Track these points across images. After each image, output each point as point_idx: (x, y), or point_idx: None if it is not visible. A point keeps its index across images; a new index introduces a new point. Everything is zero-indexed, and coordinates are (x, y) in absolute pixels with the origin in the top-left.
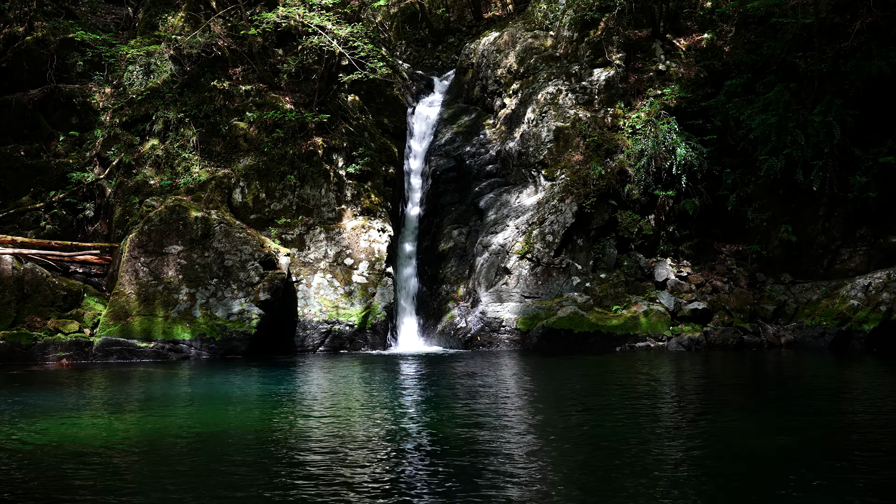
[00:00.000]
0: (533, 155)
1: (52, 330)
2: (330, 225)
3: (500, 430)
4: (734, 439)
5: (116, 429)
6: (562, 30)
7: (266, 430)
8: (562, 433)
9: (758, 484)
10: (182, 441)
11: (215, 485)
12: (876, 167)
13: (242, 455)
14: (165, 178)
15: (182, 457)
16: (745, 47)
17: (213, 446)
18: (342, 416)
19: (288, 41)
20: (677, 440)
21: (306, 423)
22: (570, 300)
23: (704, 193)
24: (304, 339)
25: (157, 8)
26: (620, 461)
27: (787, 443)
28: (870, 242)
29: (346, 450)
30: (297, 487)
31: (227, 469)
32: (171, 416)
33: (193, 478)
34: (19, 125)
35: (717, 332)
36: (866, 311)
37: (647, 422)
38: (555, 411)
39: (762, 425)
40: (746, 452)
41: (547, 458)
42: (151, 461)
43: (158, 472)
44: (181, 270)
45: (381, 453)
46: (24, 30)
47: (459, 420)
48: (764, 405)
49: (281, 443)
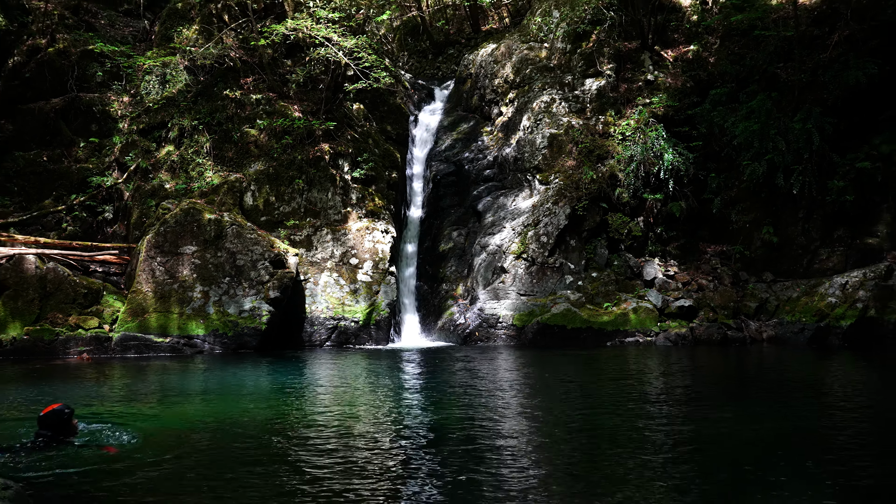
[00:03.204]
0: (528, 160)
1: (73, 326)
2: (336, 227)
3: (496, 417)
4: (718, 428)
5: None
6: (555, 42)
7: (281, 417)
8: (554, 421)
9: (741, 468)
10: (203, 426)
11: (233, 463)
12: (853, 172)
13: (257, 439)
14: (180, 183)
15: (204, 439)
16: (730, 58)
17: (227, 433)
18: (349, 405)
19: (296, 52)
20: (665, 429)
21: (317, 411)
22: (564, 298)
23: (690, 197)
24: (312, 335)
25: (173, 21)
26: (611, 448)
27: (767, 431)
28: (847, 243)
29: (352, 435)
30: (309, 472)
31: (242, 451)
32: (191, 404)
33: (215, 457)
34: (42, 132)
35: (703, 328)
36: (843, 308)
37: (636, 412)
38: (548, 401)
39: (745, 415)
40: (730, 440)
41: (540, 444)
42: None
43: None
44: (195, 269)
45: (385, 438)
46: (46, 42)
47: (458, 410)
48: (746, 397)
49: (295, 427)
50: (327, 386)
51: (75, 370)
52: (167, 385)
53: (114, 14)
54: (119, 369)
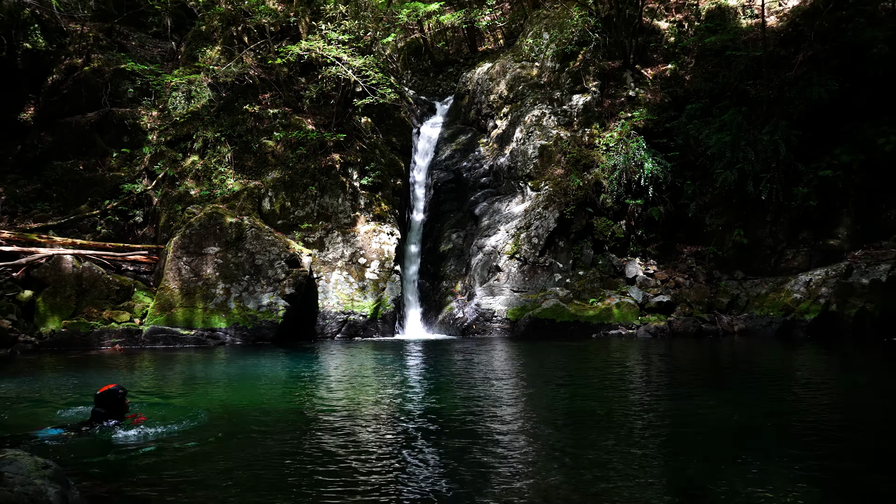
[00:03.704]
0: (521, 169)
1: (107, 320)
2: (346, 229)
3: (491, 401)
4: (694, 412)
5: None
6: (545, 61)
7: (297, 400)
8: (543, 406)
9: (715, 450)
10: (226, 409)
11: (256, 442)
12: (816, 180)
13: (275, 417)
14: (204, 189)
15: (228, 421)
16: (704, 76)
17: (248, 416)
18: (359, 390)
19: (310, 71)
20: (644, 413)
21: (330, 395)
22: (553, 294)
23: (668, 202)
24: (324, 328)
25: (197, 42)
26: (595, 430)
27: (738, 415)
28: (811, 244)
29: (362, 416)
30: (322, 451)
31: (260, 431)
32: (216, 390)
33: (237, 434)
34: (79, 143)
35: (680, 321)
36: (807, 304)
37: (619, 398)
38: (538, 388)
39: (718, 401)
40: (703, 424)
41: (530, 426)
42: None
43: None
44: (218, 268)
45: (390, 419)
46: (82, 61)
47: (457, 395)
48: (719, 384)
49: (309, 409)
50: (339, 373)
51: (110, 360)
52: (194, 373)
53: (144, 36)
54: (149, 359)
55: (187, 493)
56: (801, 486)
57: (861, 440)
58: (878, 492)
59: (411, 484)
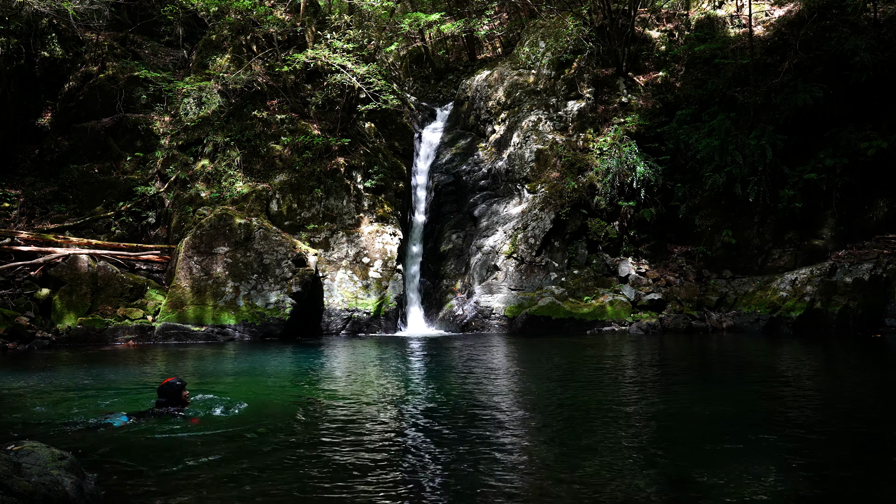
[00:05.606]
0: (518, 172)
1: (121, 316)
2: (350, 230)
3: (489, 393)
4: (683, 404)
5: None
6: (542, 69)
7: (304, 393)
8: (539, 398)
9: (703, 439)
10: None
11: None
12: (801, 182)
13: (284, 409)
14: (214, 192)
15: (239, 412)
16: (694, 83)
17: (259, 407)
18: (363, 383)
19: (315, 78)
20: (636, 405)
21: (335, 388)
22: (549, 292)
23: (660, 204)
24: (329, 324)
25: (208, 51)
26: (588, 420)
27: (727, 409)
28: (796, 244)
29: (366, 407)
30: (329, 441)
31: (273, 422)
32: (226, 384)
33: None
34: (94, 147)
35: (670, 318)
36: (793, 301)
37: (612, 390)
38: (534, 381)
39: (707, 394)
40: (693, 415)
41: (526, 416)
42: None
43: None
44: (227, 267)
45: (393, 410)
46: (97, 69)
47: (457, 387)
48: (709, 378)
49: (316, 401)
50: (344, 367)
51: (124, 355)
52: (205, 368)
53: (157, 45)
54: (161, 354)
55: (192, 484)
56: (782, 472)
57: (837, 426)
58: (857, 477)
59: (420, 471)
